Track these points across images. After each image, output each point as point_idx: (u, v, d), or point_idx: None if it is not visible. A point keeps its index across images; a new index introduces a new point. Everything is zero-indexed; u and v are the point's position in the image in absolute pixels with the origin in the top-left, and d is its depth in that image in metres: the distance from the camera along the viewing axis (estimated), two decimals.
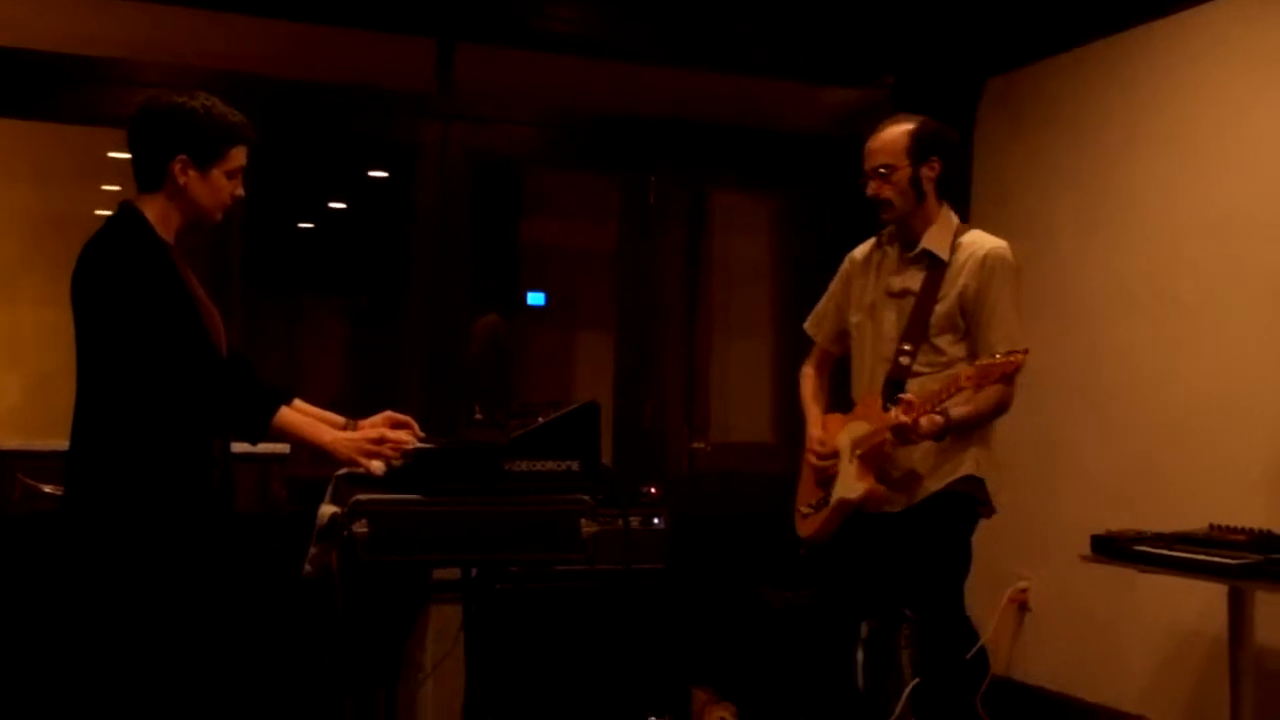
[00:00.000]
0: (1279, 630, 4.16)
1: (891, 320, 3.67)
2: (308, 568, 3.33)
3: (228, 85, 4.53)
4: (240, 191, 3.03)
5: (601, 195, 6.26)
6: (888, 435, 3.49)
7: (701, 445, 5.95)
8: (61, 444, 2.93)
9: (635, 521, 4.46)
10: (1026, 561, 5.31)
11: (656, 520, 4.59)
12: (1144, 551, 3.99)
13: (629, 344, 5.72)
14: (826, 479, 3.73)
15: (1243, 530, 3.95)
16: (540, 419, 3.29)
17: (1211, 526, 4.06)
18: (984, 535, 5.44)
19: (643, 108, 5.74)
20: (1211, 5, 4.59)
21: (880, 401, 3.59)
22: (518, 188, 6.98)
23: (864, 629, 3.96)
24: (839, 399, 3.95)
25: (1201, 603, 4.33)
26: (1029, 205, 5.39)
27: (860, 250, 3.87)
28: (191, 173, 2.92)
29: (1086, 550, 4.17)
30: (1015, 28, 5.39)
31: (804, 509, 3.82)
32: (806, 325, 4.02)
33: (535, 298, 7.04)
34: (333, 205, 7.52)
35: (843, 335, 3.89)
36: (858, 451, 3.62)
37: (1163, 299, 4.73)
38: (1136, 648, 4.77)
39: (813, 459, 3.75)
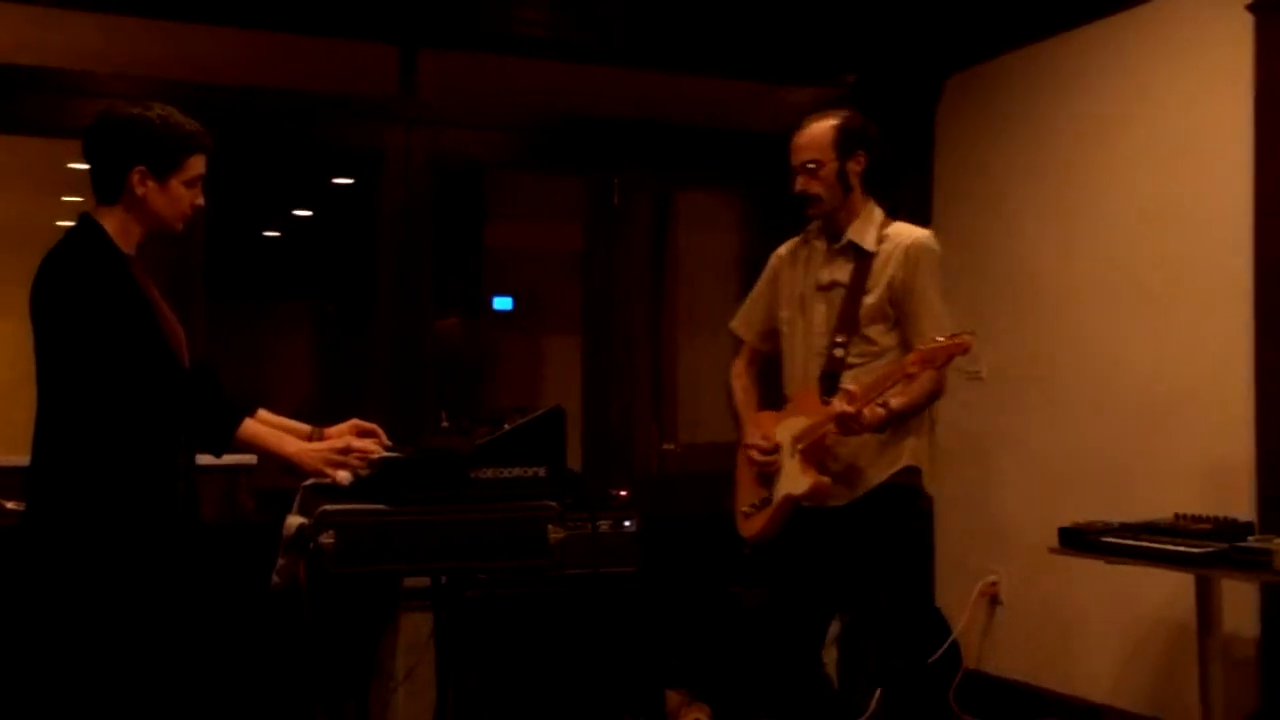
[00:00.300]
0: (1246, 618, 4.21)
1: (821, 313, 3.67)
2: (276, 579, 3.32)
3: (190, 95, 4.51)
4: (200, 201, 3.01)
5: (566, 197, 6.25)
6: (830, 427, 3.47)
7: (670, 446, 5.96)
8: (22, 459, 2.91)
9: (605, 525, 4.45)
10: (996, 555, 5.34)
11: (627, 523, 4.58)
12: (1111, 543, 4.02)
13: (596, 346, 5.72)
14: (768, 477, 3.69)
15: (1208, 519, 3.98)
16: (506, 425, 3.29)
17: (1177, 516, 4.09)
18: (953, 530, 5.51)
19: (606, 109, 5.74)
20: (1163, 0, 4.63)
21: (818, 394, 3.59)
22: (482, 191, 6.97)
23: (835, 627, 3.96)
24: (768, 397, 3.94)
25: (1169, 592, 4.37)
26: (990, 200, 5.42)
27: (786, 246, 3.87)
28: (150, 183, 2.90)
29: (1054, 542, 4.20)
30: (974, 25, 5.42)
31: (745, 509, 3.77)
32: (734, 324, 3.99)
33: (502, 302, 7.04)
34: (298, 213, 7.50)
35: (771, 333, 3.87)
36: (799, 446, 3.59)
37: (1124, 290, 4.77)
38: (1106, 638, 4.81)
39: (755, 456, 3.70)
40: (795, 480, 3.60)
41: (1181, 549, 3.81)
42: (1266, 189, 4.19)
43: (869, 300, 3.60)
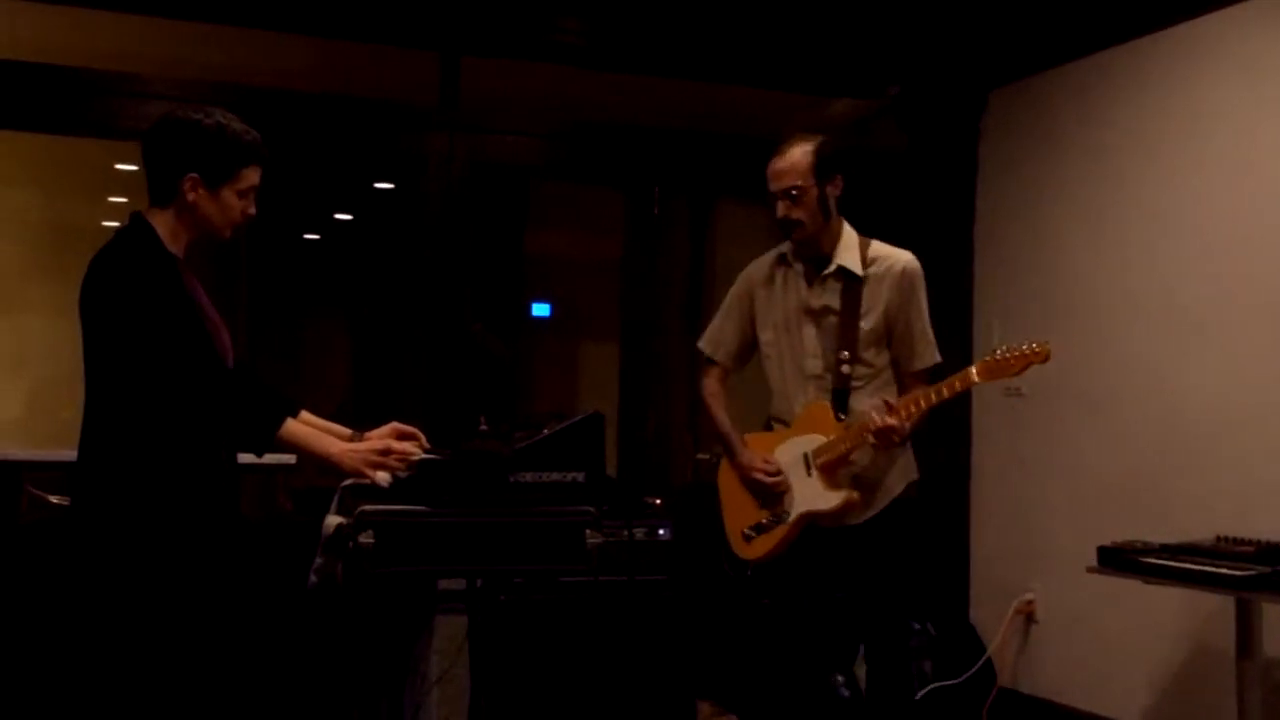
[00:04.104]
0: None
1: (812, 336, 3.70)
2: (313, 578, 3.34)
3: (235, 98, 4.55)
4: (252, 210, 3.02)
5: (606, 206, 6.27)
6: (869, 439, 3.48)
7: (706, 455, 5.95)
8: (68, 454, 2.94)
9: (640, 532, 4.46)
10: (1033, 573, 5.30)
11: (661, 531, 4.58)
12: (1150, 563, 3.98)
13: (633, 354, 5.73)
14: (772, 497, 3.69)
15: (1250, 541, 3.94)
16: (545, 430, 3.29)
17: (1218, 538, 4.06)
18: (991, 546, 5.48)
19: (647, 118, 5.75)
20: (1214, 15, 4.59)
21: (830, 413, 3.62)
22: (523, 199, 6.99)
23: (864, 645, 3.94)
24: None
25: (1207, 614, 4.33)
26: (1033, 215, 5.39)
27: (759, 268, 3.86)
28: (201, 191, 2.92)
29: (1093, 561, 4.17)
30: (1019, 40, 5.39)
31: (746, 530, 3.76)
32: (702, 344, 3.98)
33: (540, 309, 7.05)
34: (339, 217, 7.54)
35: (744, 353, 3.90)
36: (820, 461, 3.61)
37: (1169, 309, 4.73)
38: (1143, 659, 4.76)
39: (763, 478, 3.69)
40: (819, 497, 3.62)
41: (1223, 571, 3.78)
42: None
43: (865, 325, 3.65)
